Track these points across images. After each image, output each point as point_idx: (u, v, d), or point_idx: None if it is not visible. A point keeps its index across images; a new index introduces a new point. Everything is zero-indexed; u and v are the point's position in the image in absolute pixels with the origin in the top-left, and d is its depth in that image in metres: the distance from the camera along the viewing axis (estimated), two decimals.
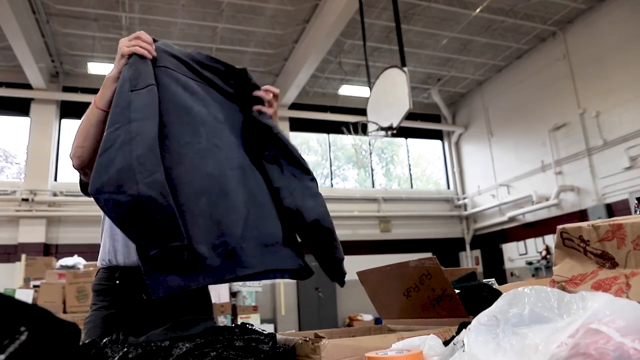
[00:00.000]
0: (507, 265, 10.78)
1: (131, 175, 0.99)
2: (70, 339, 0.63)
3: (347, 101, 11.38)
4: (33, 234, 8.83)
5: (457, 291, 1.15)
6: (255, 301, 6.37)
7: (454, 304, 1.11)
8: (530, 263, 9.84)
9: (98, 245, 1.49)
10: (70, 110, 9.80)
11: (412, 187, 12.49)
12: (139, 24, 8.40)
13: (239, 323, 1.03)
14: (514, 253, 10.58)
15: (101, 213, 1.18)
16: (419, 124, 12.03)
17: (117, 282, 1.41)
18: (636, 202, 1.55)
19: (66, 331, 0.62)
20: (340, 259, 1.30)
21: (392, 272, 1.27)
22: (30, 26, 7.80)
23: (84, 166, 1.32)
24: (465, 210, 12.17)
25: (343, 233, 11.22)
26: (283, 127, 11.10)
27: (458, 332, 0.81)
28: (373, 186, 12.07)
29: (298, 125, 11.37)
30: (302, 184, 1.32)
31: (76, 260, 5.91)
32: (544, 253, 9.44)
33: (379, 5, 8.18)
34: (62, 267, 5.88)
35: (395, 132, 6.14)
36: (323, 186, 11.81)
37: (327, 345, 0.84)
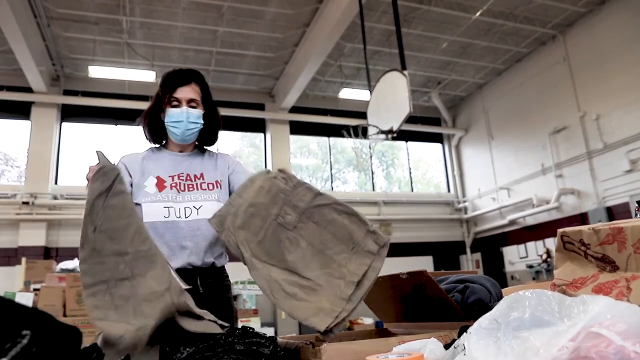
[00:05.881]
0: (508, 268, 10.76)
1: None
2: (72, 342, 0.63)
3: (348, 104, 11.38)
4: (33, 237, 8.82)
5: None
6: (256, 304, 6.37)
7: (452, 309, 1.11)
8: (530, 266, 9.82)
9: None
10: (71, 113, 9.79)
11: (412, 190, 12.48)
12: (140, 27, 8.42)
13: (239, 327, 1.03)
14: (515, 256, 10.56)
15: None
16: (419, 127, 12.04)
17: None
18: (637, 205, 1.55)
19: (67, 334, 0.62)
20: None
21: (384, 283, 1.26)
22: (31, 30, 7.81)
23: None
24: (466, 213, 12.16)
25: None
26: (283, 130, 11.12)
27: (459, 336, 0.81)
28: (373, 189, 12.06)
29: (298, 128, 11.38)
30: None
31: (76, 264, 5.89)
32: (544, 256, 9.42)
33: (379, 9, 8.20)
34: (63, 270, 5.88)
35: (395, 135, 6.14)
36: (323, 189, 11.79)
37: (328, 349, 0.84)
